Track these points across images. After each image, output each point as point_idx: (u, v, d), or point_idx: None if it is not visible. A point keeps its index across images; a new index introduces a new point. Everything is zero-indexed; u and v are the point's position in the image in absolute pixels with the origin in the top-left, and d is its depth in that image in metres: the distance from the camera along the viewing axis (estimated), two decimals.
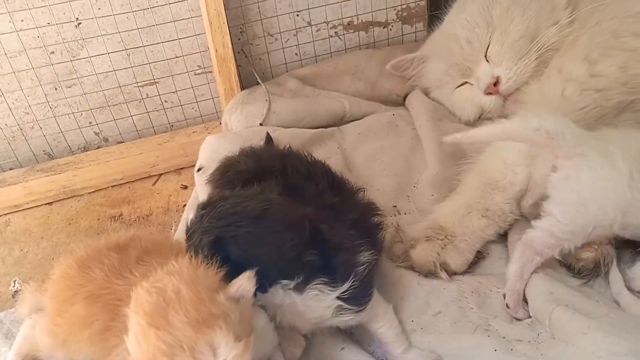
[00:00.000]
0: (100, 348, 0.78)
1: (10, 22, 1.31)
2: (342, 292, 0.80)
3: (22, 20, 1.32)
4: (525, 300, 0.92)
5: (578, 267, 0.97)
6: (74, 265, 0.83)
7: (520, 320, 0.90)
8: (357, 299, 0.82)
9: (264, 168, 0.98)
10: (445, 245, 1.03)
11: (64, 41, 1.37)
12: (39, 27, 1.33)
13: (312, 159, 1.03)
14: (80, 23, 1.36)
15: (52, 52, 1.38)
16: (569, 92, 1.14)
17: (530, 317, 0.90)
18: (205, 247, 0.75)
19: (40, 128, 1.46)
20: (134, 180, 1.46)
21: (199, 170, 1.26)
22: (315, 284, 0.79)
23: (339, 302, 0.81)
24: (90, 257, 0.83)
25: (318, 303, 0.80)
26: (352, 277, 0.81)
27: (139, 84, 1.47)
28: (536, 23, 1.25)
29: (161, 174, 1.48)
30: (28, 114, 1.43)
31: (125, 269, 0.80)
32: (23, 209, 1.40)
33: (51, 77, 1.40)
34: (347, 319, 0.83)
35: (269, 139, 1.26)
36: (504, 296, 0.93)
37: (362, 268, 0.83)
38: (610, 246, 0.97)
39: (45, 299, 0.88)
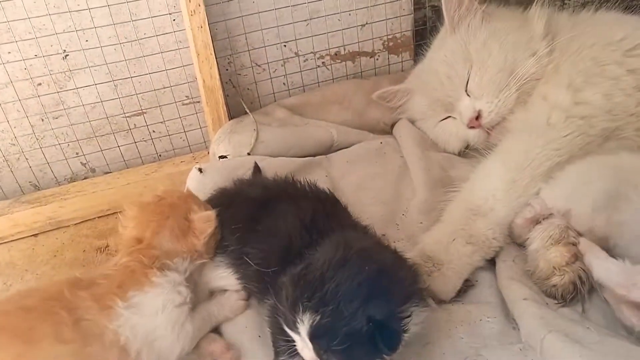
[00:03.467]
0: None
1: None
2: None
3: (9, 53, 1.32)
4: (516, 324, 0.92)
5: (559, 293, 0.97)
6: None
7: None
8: None
9: (273, 195, 1.01)
10: (431, 272, 1.02)
11: (51, 73, 1.37)
12: (26, 59, 1.33)
13: (316, 185, 1.07)
14: (67, 55, 1.36)
15: (39, 84, 1.38)
16: (554, 120, 1.15)
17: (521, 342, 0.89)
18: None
19: (27, 159, 1.45)
20: (120, 211, 1.45)
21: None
22: None
23: None
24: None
25: None
26: None
27: (127, 115, 1.47)
28: (514, 56, 1.26)
29: None
30: (14, 145, 1.43)
31: None
32: (8, 241, 1.38)
33: (38, 108, 1.40)
34: None
35: (257, 168, 1.26)
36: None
37: None
38: (580, 262, 0.97)
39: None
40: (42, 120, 1.42)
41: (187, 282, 0.95)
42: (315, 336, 0.77)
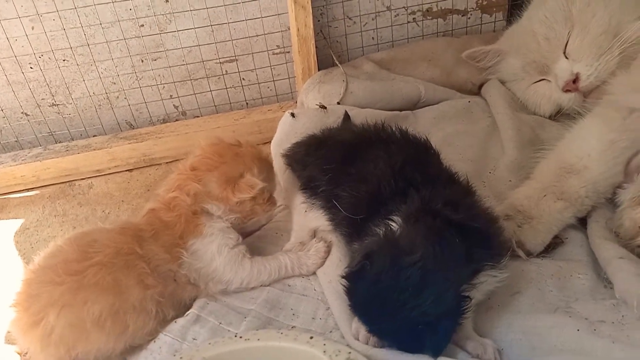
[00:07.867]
0: None
1: None
2: None
3: None
4: (609, 281, 0.91)
5: None
6: None
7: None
8: None
9: (365, 139, 1.01)
10: (521, 224, 1.02)
11: (154, 14, 1.42)
12: None
13: (407, 130, 1.05)
14: None
15: (142, 25, 1.44)
16: None
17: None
18: None
19: (126, 98, 1.52)
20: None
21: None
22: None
23: None
24: None
25: None
26: None
27: (220, 60, 1.52)
28: (619, 18, 1.22)
29: None
30: (115, 83, 1.50)
31: None
32: (105, 174, 1.47)
33: (139, 49, 1.46)
34: None
35: (347, 117, 1.28)
36: None
37: None
38: None
39: None
40: (142, 61, 1.48)
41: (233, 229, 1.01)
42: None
